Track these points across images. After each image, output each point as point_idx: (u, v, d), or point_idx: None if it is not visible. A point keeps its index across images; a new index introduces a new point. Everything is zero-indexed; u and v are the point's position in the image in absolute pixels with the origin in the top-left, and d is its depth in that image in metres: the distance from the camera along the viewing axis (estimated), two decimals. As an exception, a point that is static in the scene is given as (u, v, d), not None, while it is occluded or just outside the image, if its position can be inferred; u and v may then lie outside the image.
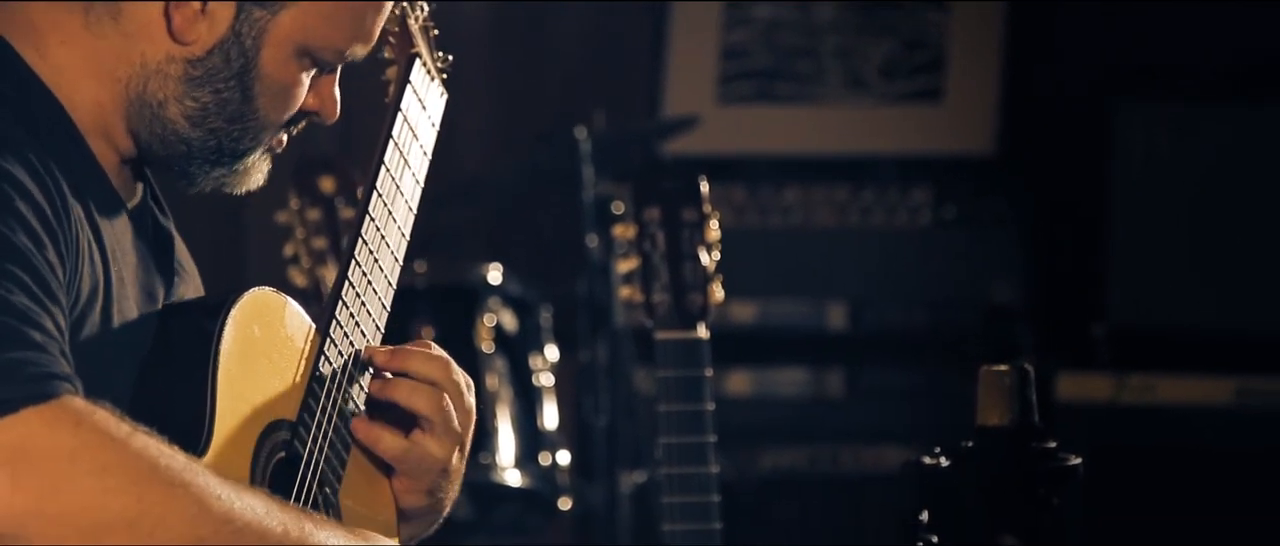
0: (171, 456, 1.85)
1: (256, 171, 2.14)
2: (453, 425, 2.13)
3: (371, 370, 2.14)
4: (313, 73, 2.10)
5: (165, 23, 2.03)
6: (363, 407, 2.13)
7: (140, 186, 2.14)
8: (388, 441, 2.11)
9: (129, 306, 2.04)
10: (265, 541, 1.88)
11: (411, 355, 2.14)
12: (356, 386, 2.15)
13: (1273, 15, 5.24)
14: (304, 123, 2.15)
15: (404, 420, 2.13)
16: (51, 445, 1.79)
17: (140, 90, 2.05)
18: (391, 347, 2.15)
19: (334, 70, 2.13)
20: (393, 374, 2.13)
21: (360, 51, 2.11)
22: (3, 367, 1.80)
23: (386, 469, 2.16)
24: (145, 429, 1.86)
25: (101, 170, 2.06)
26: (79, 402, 1.82)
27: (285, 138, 2.15)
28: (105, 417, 1.83)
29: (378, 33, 2.12)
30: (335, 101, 2.14)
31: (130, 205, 2.11)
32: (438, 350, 2.16)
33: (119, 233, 2.06)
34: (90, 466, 1.79)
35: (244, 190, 2.15)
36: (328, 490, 2.10)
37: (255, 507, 1.89)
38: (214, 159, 2.10)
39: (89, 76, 2.04)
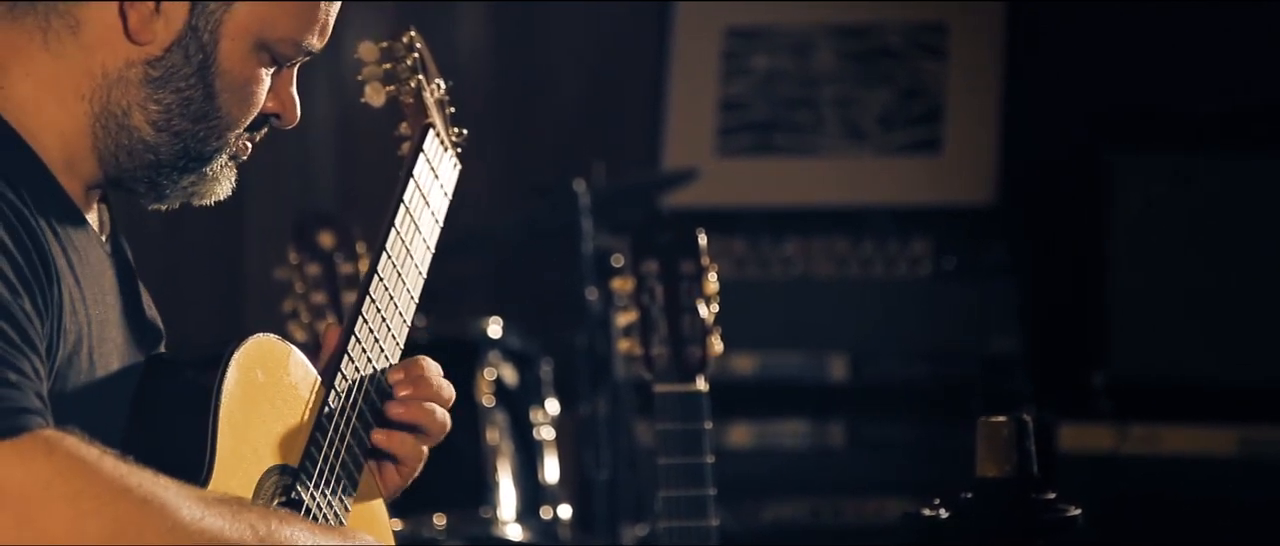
0: (140, 474, 1.87)
1: (223, 179, 2.16)
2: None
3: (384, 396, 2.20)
4: (272, 70, 2.13)
5: (122, 24, 2.05)
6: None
7: (108, 216, 2.16)
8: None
9: (111, 347, 2.06)
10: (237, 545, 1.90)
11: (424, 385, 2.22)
12: (362, 433, 2.16)
13: (1271, 64, 5.25)
14: (266, 128, 2.18)
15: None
16: (25, 477, 1.81)
17: (104, 102, 2.07)
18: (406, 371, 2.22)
19: (291, 67, 2.15)
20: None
21: (316, 44, 2.14)
22: None
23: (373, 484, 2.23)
24: (112, 451, 1.88)
25: (77, 208, 2.08)
26: (48, 432, 1.84)
27: (249, 145, 2.17)
28: (75, 444, 1.85)
29: (331, 25, 2.15)
30: (295, 103, 2.17)
31: (103, 237, 2.12)
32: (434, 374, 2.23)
33: (98, 272, 2.07)
34: (64, 493, 1.82)
35: (212, 200, 2.17)
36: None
37: (222, 513, 1.91)
38: (182, 165, 2.11)
39: (54, 104, 2.06)
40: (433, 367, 2.23)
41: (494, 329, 4.29)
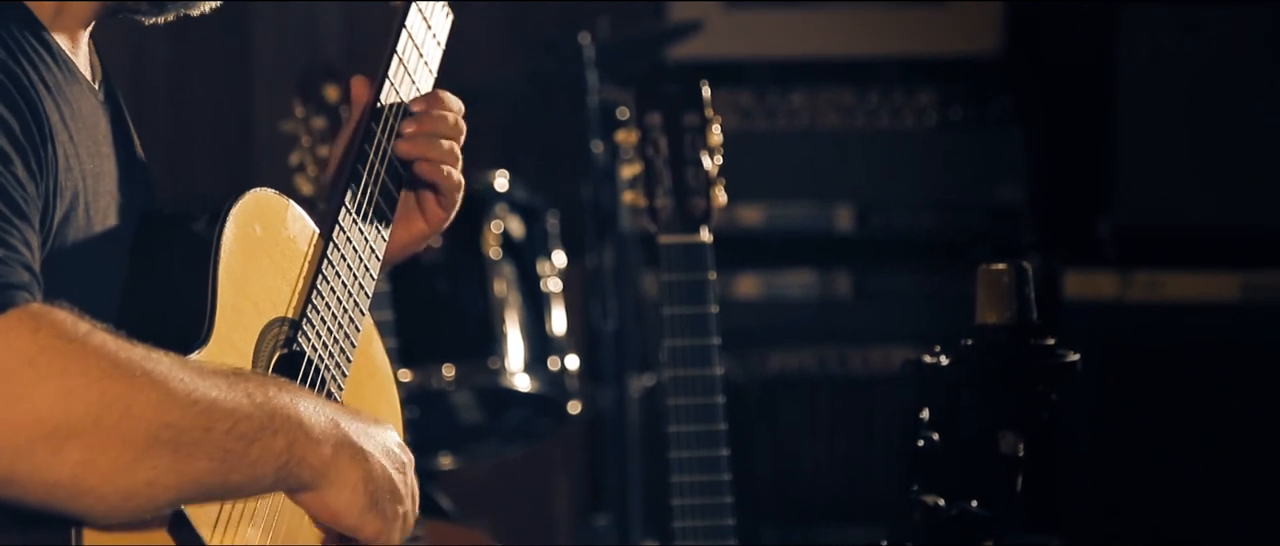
0: (129, 348, 1.86)
1: None
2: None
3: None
4: None
5: None
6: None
7: (97, 61, 2.16)
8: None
9: (108, 201, 2.06)
10: (233, 413, 1.90)
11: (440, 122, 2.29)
12: (363, 283, 2.18)
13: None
14: None
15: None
16: (10, 354, 1.79)
17: None
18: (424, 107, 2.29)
19: None
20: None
21: None
22: None
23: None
24: (103, 325, 1.87)
25: (69, 59, 2.07)
26: (35, 307, 1.83)
27: None
28: (62, 318, 1.83)
29: None
30: None
31: (96, 84, 2.12)
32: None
33: (92, 123, 2.07)
34: (49, 370, 1.80)
35: (209, 8, 2.17)
36: (331, 389, 2.13)
37: (217, 383, 1.90)
38: None
39: None
40: (446, 102, 2.30)
41: (500, 181, 4.31)
